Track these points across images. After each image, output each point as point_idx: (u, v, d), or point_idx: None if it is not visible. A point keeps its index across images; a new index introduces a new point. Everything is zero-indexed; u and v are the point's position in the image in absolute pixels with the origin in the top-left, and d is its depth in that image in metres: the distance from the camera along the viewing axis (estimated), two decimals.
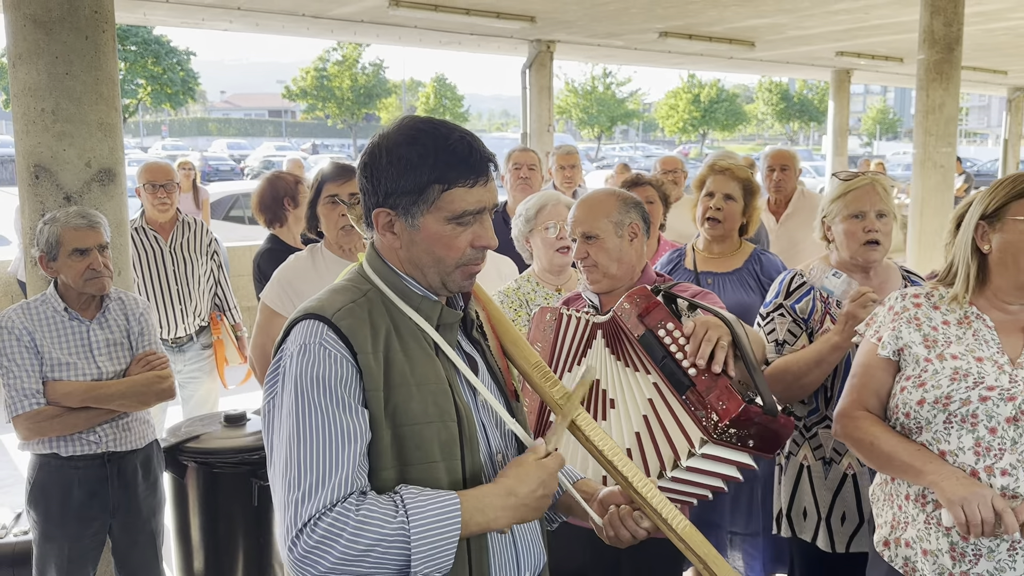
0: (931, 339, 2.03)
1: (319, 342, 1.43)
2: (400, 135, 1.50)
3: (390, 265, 1.56)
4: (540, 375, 1.70)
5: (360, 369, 1.43)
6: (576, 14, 10.11)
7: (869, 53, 13.52)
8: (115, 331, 3.06)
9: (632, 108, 45.75)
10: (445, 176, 1.47)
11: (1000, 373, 1.94)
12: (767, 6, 9.53)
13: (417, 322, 1.52)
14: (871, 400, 2.10)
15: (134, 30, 32.99)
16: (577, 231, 2.56)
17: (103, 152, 3.44)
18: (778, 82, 47.31)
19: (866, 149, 51.27)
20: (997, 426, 1.88)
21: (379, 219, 1.53)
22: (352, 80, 41.76)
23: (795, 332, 2.64)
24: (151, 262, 4.64)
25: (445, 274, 1.54)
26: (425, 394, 1.47)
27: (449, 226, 1.50)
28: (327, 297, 1.52)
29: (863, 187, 2.61)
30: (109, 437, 3.03)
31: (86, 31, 3.34)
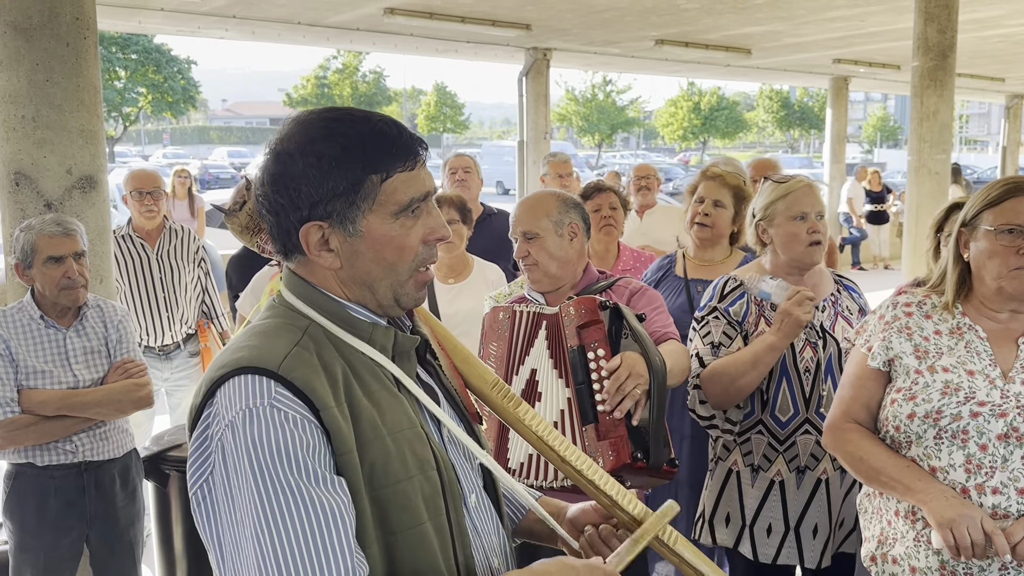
0: (922, 350, 1.98)
1: (269, 403, 1.14)
2: (310, 132, 1.24)
3: (324, 291, 1.28)
4: (501, 395, 1.51)
5: (327, 430, 1.17)
6: (571, 22, 10.11)
7: (866, 60, 13.52)
8: (93, 339, 3.04)
9: (633, 116, 45.79)
10: (380, 163, 1.23)
11: (991, 388, 1.89)
12: (762, 13, 9.54)
13: (372, 357, 1.27)
14: (860, 412, 2.06)
15: (135, 39, 33.13)
16: (518, 230, 2.60)
17: (84, 159, 3.43)
18: (779, 90, 47.37)
19: (867, 156, 51.33)
20: (988, 443, 1.84)
21: (309, 237, 1.25)
22: (352, 88, 41.86)
23: (730, 334, 2.62)
24: (138, 270, 4.63)
25: (399, 285, 1.29)
26: (402, 444, 1.24)
27: (398, 222, 1.25)
28: (259, 343, 1.22)
29: (802, 188, 2.60)
30: (86, 446, 3.00)
31: (67, 38, 3.33)
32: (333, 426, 1.17)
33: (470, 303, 3.76)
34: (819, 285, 2.67)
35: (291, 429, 1.13)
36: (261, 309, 1.35)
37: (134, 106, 36.59)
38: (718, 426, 2.63)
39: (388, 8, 9.22)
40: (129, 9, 9.30)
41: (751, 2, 8.94)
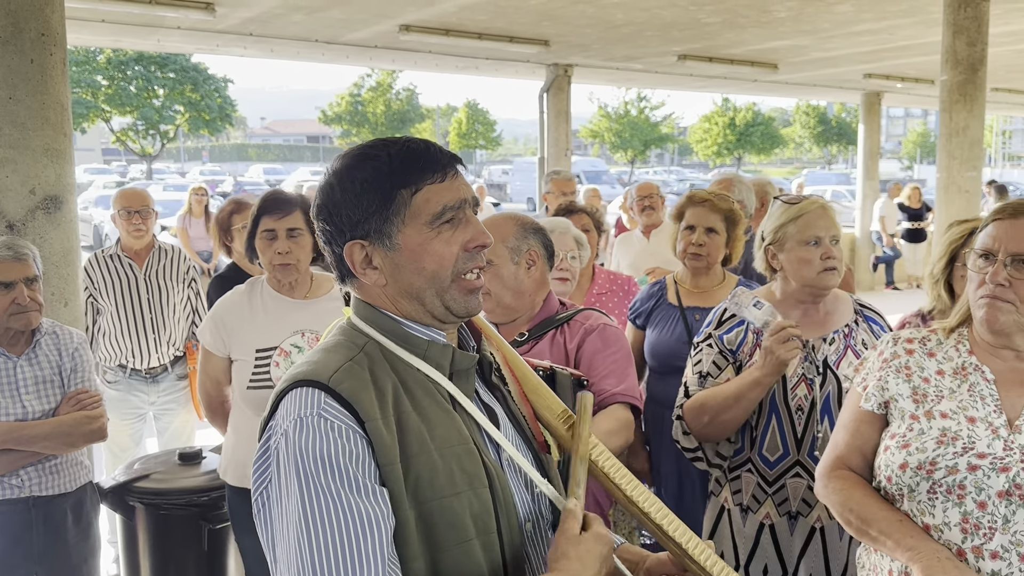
0: (921, 392, 1.79)
1: (318, 413, 1.21)
2: (346, 162, 1.33)
3: (381, 310, 1.34)
4: (567, 428, 1.47)
5: (371, 440, 1.21)
6: (590, 38, 9.95)
7: (898, 75, 13.17)
8: (45, 368, 2.90)
9: (666, 132, 45.45)
10: (409, 178, 1.29)
11: (994, 438, 1.68)
12: (785, 28, 9.29)
13: (427, 373, 1.31)
14: (854, 458, 1.86)
15: (172, 58, 33.70)
16: None
17: (49, 179, 3.32)
18: (815, 105, 46.77)
19: (907, 173, 50.43)
20: (987, 500, 1.63)
21: (354, 257, 1.32)
22: (386, 106, 42.13)
23: (720, 364, 2.45)
24: (124, 290, 4.52)
25: (443, 291, 1.32)
26: (449, 459, 1.25)
27: (433, 231, 1.30)
28: (318, 358, 1.30)
29: (815, 211, 2.41)
30: (34, 481, 2.86)
31: (31, 54, 3.23)
32: (376, 437, 1.20)
33: None
34: (833, 314, 2.47)
35: (335, 438, 1.19)
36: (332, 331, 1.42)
37: (172, 124, 37.16)
38: (704, 459, 2.47)
39: (403, 25, 9.14)
40: (148, 28, 9.34)
41: (774, 16, 8.70)
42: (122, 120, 36.50)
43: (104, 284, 4.47)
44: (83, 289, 4.38)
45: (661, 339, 3.20)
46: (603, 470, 1.43)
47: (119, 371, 4.55)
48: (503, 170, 43.45)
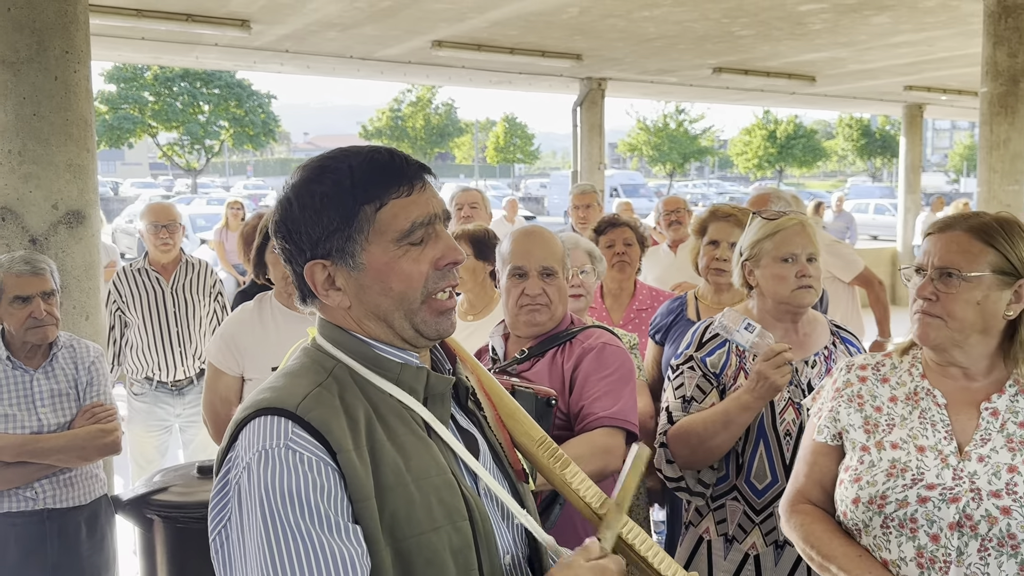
0: (872, 422, 1.73)
1: (285, 444, 1.10)
2: (305, 175, 1.23)
3: (350, 332, 1.25)
4: (548, 454, 1.40)
5: (343, 474, 1.11)
6: (623, 51, 9.91)
7: (940, 87, 12.91)
8: (61, 381, 2.93)
9: (706, 145, 45.13)
10: (372, 193, 1.20)
11: (943, 467, 1.61)
12: (821, 40, 9.16)
13: (400, 398, 1.22)
14: (814, 491, 1.80)
15: (217, 75, 34.37)
16: (536, 266, 2.32)
17: (72, 194, 3.37)
18: (858, 118, 46.10)
19: (953, 186, 49.44)
20: (940, 533, 1.56)
21: (315, 277, 1.23)
22: (425, 120, 42.47)
23: (704, 388, 2.36)
24: (152, 303, 4.57)
25: (412, 313, 1.23)
26: (427, 492, 1.16)
27: (400, 249, 1.21)
28: (283, 383, 1.19)
29: (792, 227, 2.34)
30: (48, 493, 2.89)
31: (55, 71, 3.29)
32: (349, 470, 1.12)
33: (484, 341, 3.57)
34: (811, 336, 2.40)
35: (305, 472, 1.09)
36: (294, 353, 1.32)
37: (216, 139, 37.85)
38: (687, 488, 2.37)
39: (435, 41, 9.19)
40: (186, 45, 9.51)
41: (808, 28, 8.58)
42: (168, 135, 37.28)
43: (132, 297, 4.53)
44: (110, 302, 4.46)
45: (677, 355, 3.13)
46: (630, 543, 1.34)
47: (146, 383, 4.60)
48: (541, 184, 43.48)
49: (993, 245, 1.63)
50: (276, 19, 8.03)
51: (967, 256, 1.63)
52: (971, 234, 1.64)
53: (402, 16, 7.98)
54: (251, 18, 7.95)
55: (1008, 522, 1.53)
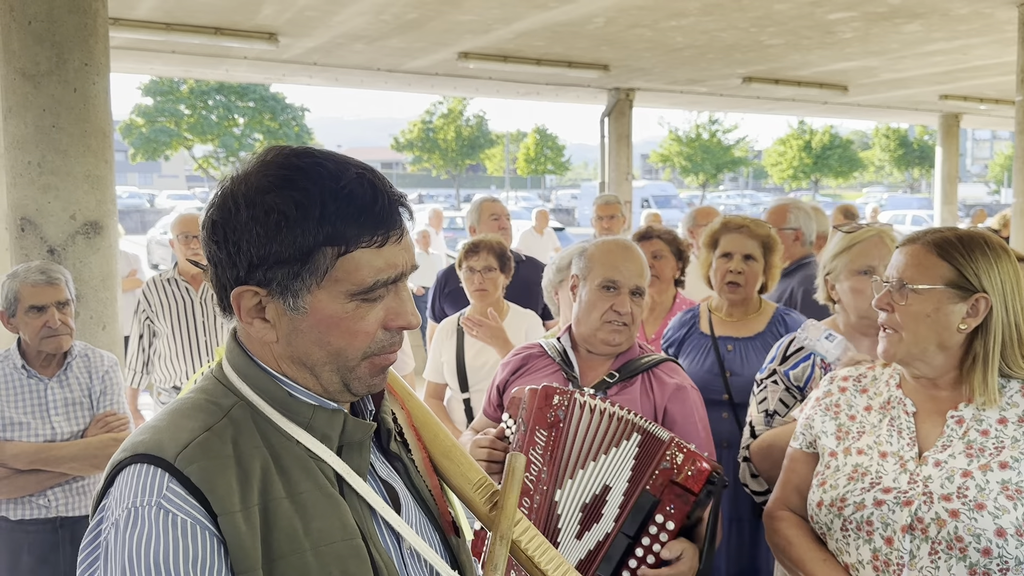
0: (844, 429, 1.77)
1: (156, 503, 0.96)
2: (265, 177, 1.02)
3: (260, 364, 1.08)
4: (486, 500, 1.21)
5: (224, 540, 0.97)
6: (650, 61, 9.86)
7: (976, 96, 12.69)
8: (75, 390, 2.95)
9: (740, 155, 44.78)
10: (341, 234, 1.01)
11: (900, 472, 1.63)
12: (852, 48, 9.04)
13: (309, 446, 1.06)
14: (793, 498, 1.84)
15: (252, 88, 34.84)
16: (630, 283, 2.24)
17: (90, 205, 3.40)
18: (895, 128, 45.49)
19: (993, 197, 48.55)
20: (893, 536, 1.59)
21: (242, 302, 1.05)
22: (456, 132, 42.65)
23: (787, 402, 2.33)
24: (181, 313, 4.61)
25: (347, 371, 1.07)
26: (327, 561, 1.00)
27: (352, 304, 1.04)
28: (167, 423, 1.03)
29: (870, 239, 2.31)
30: (60, 501, 2.90)
31: (75, 83, 3.33)
32: (232, 535, 0.96)
33: (498, 356, 3.54)
34: None
35: (176, 538, 0.94)
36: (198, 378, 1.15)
37: (251, 151, 38.34)
38: None
39: (462, 52, 9.22)
40: (215, 58, 9.63)
41: (839, 37, 8.47)
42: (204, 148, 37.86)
43: (161, 307, 4.57)
44: (140, 311, 4.51)
45: (691, 370, 3.06)
46: (527, 553, 1.20)
47: (173, 392, 4.63)
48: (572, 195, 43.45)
49: (948, 260, 1.66)
50: (303, 32, 8.11)
51: (920, 269, 1.67)
52: (928, 248, 1.68)
53: (428, 28, 8.02)
54: (278, 31, 8.03)
55: (956, 525, 1.53)
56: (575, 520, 1.91)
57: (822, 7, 7.22)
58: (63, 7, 3.24)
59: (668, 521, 1.83)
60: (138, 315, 4.57)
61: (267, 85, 34.52)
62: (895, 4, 7.12)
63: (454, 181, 47.55)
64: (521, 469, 1.21)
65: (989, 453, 1.60)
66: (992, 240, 1.68)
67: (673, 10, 7.36)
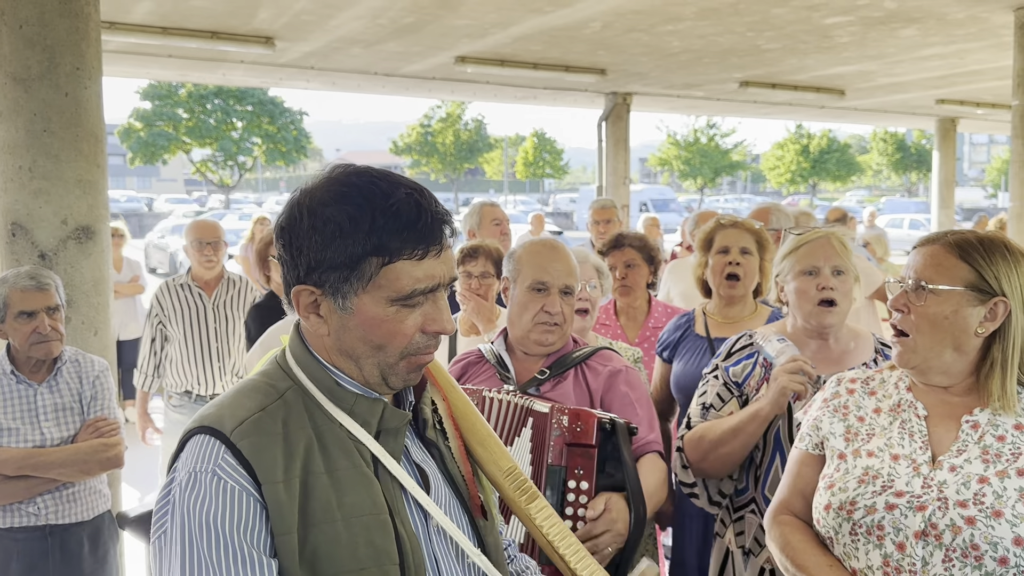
0: (853, 431, 1.73)
1: (212, 469, 1.11)
2: (327, 192, 1.18)
3: (316, 355, 1.24)
4: (515, 486, 1.36)
5: (266, 505, 1.11)
6: (647, 66, 9.86)
7: (973, 100, 12.69)
8: (65, 395, 2.93)
9: (738, 159, 44.81)
10: (386, 246, 1.15)
11: (914, 475, 1.59)
12: (849, 53, 9.04)
13: (350, 429, 1.20)
14: (796, 500, 1.79)
15: (250, 92, 34.84)
16: (559, 283, 2.25)
17: (81, 209, 3.38)
18: (893, 132, 45.54)
19: (991, 201, 48.61)
20: (905, 541, 1.54)
21: (300, 298, 1.21)
22: (455, 136, 42.68)
23: (724, 397, 2.34)
24: (193, 318, 4.60)
25: (387, 366, 1.22)
26: (356, 531, 1.14)
27: (392, 308, 1.18)
28: (231, 400, 1.20)
29: (817, 240, 2.30)
30: (50, 508, 2.87)
31: (66, 88, 3.31)
32: (273, 502, 1.11)
33: None
34: (850, 352, 2.32)
35: (226, 501, 1.09)
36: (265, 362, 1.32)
37: (249, 155, 38.32)
38: (707, 496, 2.35)
39: (459, 57, 9.21)
40: (212, 62, 9.62)
41: (835, 41, 8.47)
42: (202, 152, 37.84)
43: (174, 311, 4.56)
44: (152, 315, 4.51)
45: (686, 371, 3.06)
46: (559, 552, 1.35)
47: (184, 397, 4.62)
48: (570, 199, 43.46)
49: (968, 261, 1.62)
50: (299, 36, 8.10)
51: (940, 270, 1.63)
52: (948, 249, 1.64)
53: (425, 32, 8.01)
54: (275, 35, 8.02)
55: (972, 532, 1.49)
56: None
57: (819, 11, 7.22)
58: (54, 11, 3.22)
59: (581, 482, 1.88)
60: (151, 319, 4.57)
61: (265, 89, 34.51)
62: (892, 9, 7.12)
63: (452, 185, 47.56)
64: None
65: (1006, 459, 1.56)
66: (1011, 244, 1.65)
67: (669, 15, 7.36)
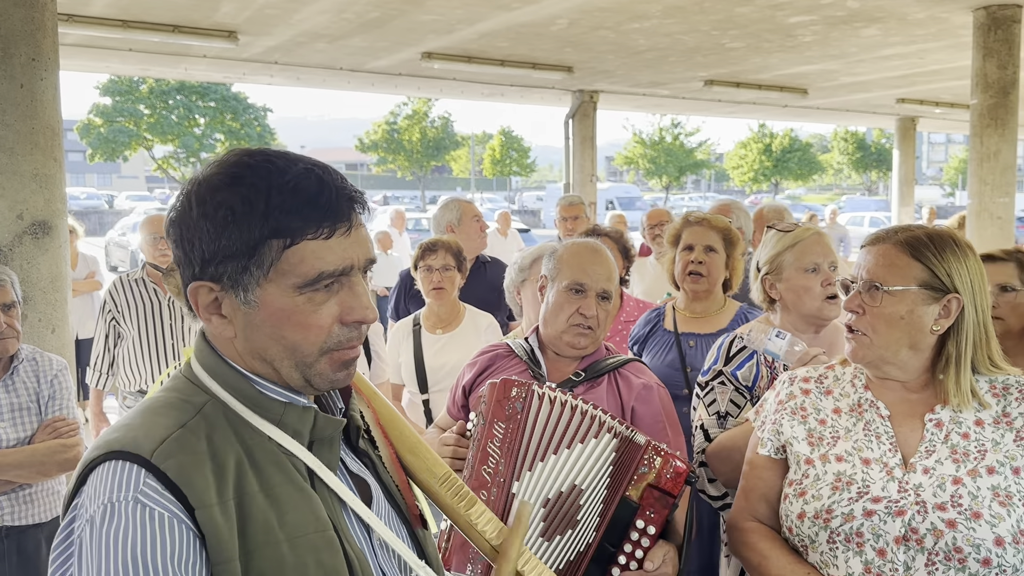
0: (816, 435, 1.69)
1: (134, 497, 0.96)
2: (218, 176, 1.05)
3: (229, 361, 1.10)
4: (452, 492, 1.26)
5: (201, 533, 0.98)
6: (614, 63, 9.89)
7: (932, 100, 12.92)
8: (22, 394, 2.85)
9: (702, 158, 45.19)
10: (285, 226, 1.02)
11: (888, 480, 1.57)
12: (812, 52, 9.15)
13: (281, 442, 1.07)
14: (760, 507, 1.75)
15: (213, 87, 34.39)
16: (597, 286, 2.19)
17: (38, 204, 3.30)
18: (854, 131, 46.23)
19: (949, 199, 49.57)
20: (886, 547, 1.52)
21: (199, 297, 1.07)
22: (421, 133, 42.49)
23: (738, 402, 2.31)
24: (148, 314, 4.50)
25: (306, 366, 1.08)
26: (302, 552, 1.03)
27: (301, 297, 1.04)
28: (140, 421, 1.04)
29: (812, 237, 2.32)
30: (6, 510, 2.80)
31: (21, 79, 3.23)
32: (209, 528, 0.98)
33: (458, 354, 3.51)
34: (835, 346, 2.34)
35: (155, 532, 0.95)
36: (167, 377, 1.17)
37: (212, 152, 37.85)
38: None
39: (425, 53, 9.17)
40: (175, 56, 9.47)
41: (799, 40, 8.57)
42: (164, 148, 37.27)
43: (128, 308, 4.46)
44: (106, 311, 4.40)
45: (653, 364, 3.07)
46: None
47: (138, 396, 4.52)
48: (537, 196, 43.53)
49: (920, 259, 1.60)
50: (263, 30, 8.00)
51: (892, 270, 1.61)
52: (899, 248, 1.62)
53: (390, 27, 7.95)
54: (238, 29, 7.91)
55: (954, 535, 1.48)
56: (536, 515, 1.87)
57: (783, 10, 7.29)
58: (9, 0, 3.14)
59: (649, 526, 1.80)
60: (104, 315, 4.46)
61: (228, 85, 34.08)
62: (854, 8, 7.21)
63: (419, 182, 47.36)
64: (527, 516, 1.24)
65: (974, 458, 1.55)
66: (959, 238, 1.64)
67: (635, 12, 7.39)
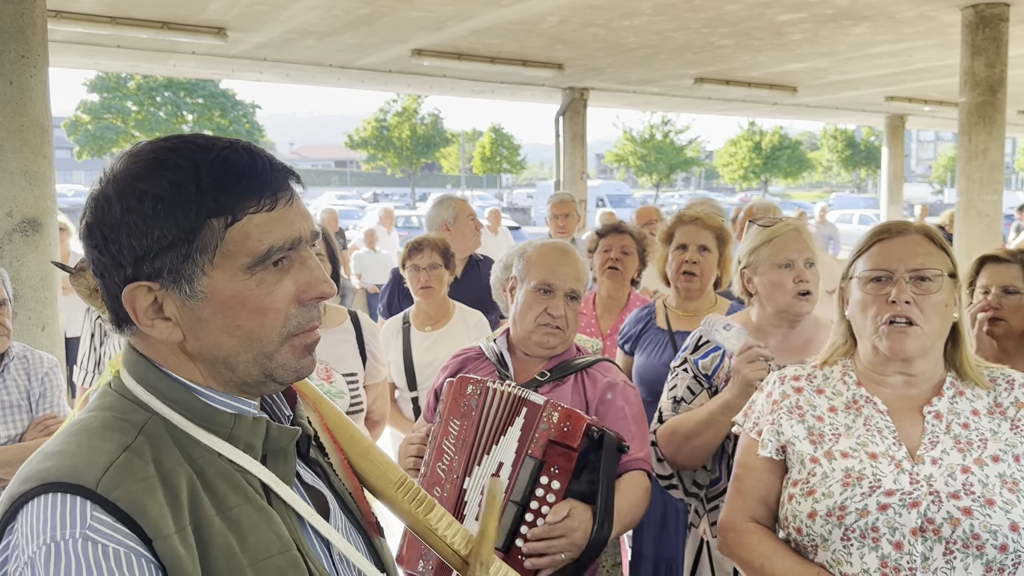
0: (817, 432, 1.68)
1: (82, 535, 0.85)
2: (137, 166, 0.95)
3: (166, 371, 0.99)
4: (408, 498, 1.20)
5: (162, 565, 0.88)
6: (604, 61, 9.90)
7: (921, 98, 12.98)
8: (13, 392, 2.85)
9: (692, 156, 45.29)
10: (224, 203, 0.94)
11: (899, 472, 1.57)
12: (801, 50, 9.18)
13: (233, 458, 0.98)
14: (758, 508, 1.74)
15: (201, 84, 34.24)
16: (565, 286, 2.22)
17: (27, 201, 3.28)
18: (843, 129, 46.41)
19: (937, 197, 49.84)
20: (903, 540, 1.52)
21: (136, 302, 0.96)
22: (411, 131, 42.41)
23: (694, 389, 2.36)
24: None
25: (267, 357, 0.99)
26: (267, 574, 0.96)
27: (253, 279, 0.96)
28: (76, 447, 0.92)
29: (788, 233, 2.32)
30: None
31: (10, 76, 3.21)
32: (170, 560, 0.88)
33: (447, 351, 3.49)
34: (813, 341, 2.35)
35: (111, 570, 0.84)
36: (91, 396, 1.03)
37: None
38: (682, 487, 2.37)
39: (415, 50, 9.16)
40: (163, 53, 9.43)
41: (788, 38, 8.60)
42: None
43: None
44: (91, 309, 4.37)
45: (648, 364, 3.08)
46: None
47: None
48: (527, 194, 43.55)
49: (943, 248, 1.63)
50: (252, 27, 7.97)
51: (931, 259, 1.61)
52: (927, 238, 1.64)
53: (380, 24, 7.94)
54: (227, 26, 7.89)
55: (971, 523, 1.49)
56: (477, 505, 1.92)
57: (772, 8, 7.31)
58: None
59: (553, 481, 1.87)
60: (89, 313, 4.43)
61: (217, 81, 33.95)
62: (843, 6, 7.24)
63: (409, 180, 47.30)
64: (500, 493, 1.21)
65: (977, 447, 1.57)
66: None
67: (626, 10, 7.40)
